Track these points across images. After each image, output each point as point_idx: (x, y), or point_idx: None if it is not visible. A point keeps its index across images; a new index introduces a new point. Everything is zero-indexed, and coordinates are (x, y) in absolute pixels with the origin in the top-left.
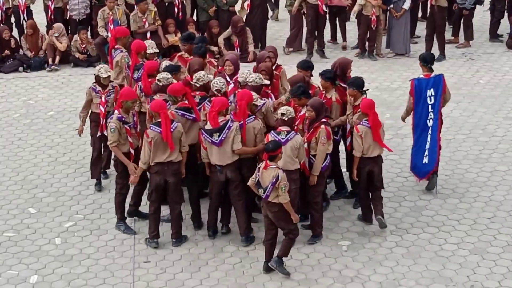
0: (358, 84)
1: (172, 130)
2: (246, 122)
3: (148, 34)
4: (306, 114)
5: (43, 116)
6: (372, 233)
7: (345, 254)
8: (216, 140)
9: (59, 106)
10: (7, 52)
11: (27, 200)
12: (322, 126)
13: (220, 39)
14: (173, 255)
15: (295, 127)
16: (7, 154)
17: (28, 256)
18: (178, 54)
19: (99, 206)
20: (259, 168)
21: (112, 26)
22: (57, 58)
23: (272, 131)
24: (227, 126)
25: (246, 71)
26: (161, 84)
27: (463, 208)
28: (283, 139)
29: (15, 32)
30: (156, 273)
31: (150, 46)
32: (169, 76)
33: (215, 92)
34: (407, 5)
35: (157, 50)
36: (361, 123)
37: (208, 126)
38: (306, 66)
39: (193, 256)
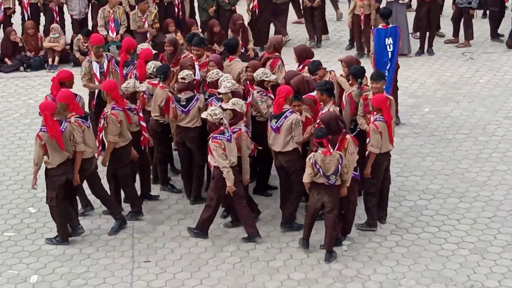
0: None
1: (62, 130)
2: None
3: (148, 34)
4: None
5: None
6: (373, 232)
7: (345, 253)
8: (273, 126)
9: None
10: (7, 61)
11: (27, 200)
12: (348, 136)
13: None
14: (173, 255)
15: (317, 125)
16: (7, 153)
17: (28, 255)
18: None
19: (99, 205)
20: (315, 161)
21: (113, 25)
22: (56, 58)
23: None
24: (284, 115)
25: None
26: (187, 82)
27: (463, 207)
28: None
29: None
30: (156, 273)
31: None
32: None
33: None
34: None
35: (154, 51)
36: (377, 119)
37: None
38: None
39: (193, 255)
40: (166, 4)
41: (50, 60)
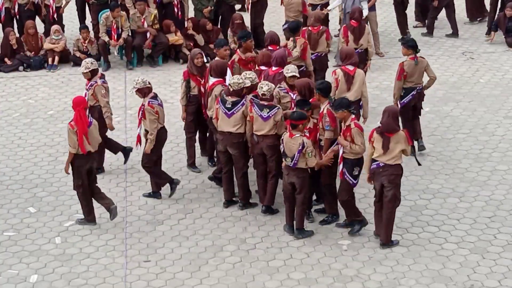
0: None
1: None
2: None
3: (149, 34)
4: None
5: (43, 115)
6: (373, 232)
7: (345, 253)
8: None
9: (59, 106)
10: (7, 61)
11: (27, 199)
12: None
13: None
14: (173, 254)
15: (318, 127)
16: (7, 153)
17: (28, 255)
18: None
19: (99, 205)
20: (282, 139)
21: (115, 35)
22: (56, 58)
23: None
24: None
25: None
26: (232, 90)
27: (463, 207)
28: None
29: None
30: (156, 272)
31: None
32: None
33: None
34: (366, 12)
35: (206, 60)
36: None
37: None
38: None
39: (193, 255)
40: (164, 4)
41: (50, 60)
